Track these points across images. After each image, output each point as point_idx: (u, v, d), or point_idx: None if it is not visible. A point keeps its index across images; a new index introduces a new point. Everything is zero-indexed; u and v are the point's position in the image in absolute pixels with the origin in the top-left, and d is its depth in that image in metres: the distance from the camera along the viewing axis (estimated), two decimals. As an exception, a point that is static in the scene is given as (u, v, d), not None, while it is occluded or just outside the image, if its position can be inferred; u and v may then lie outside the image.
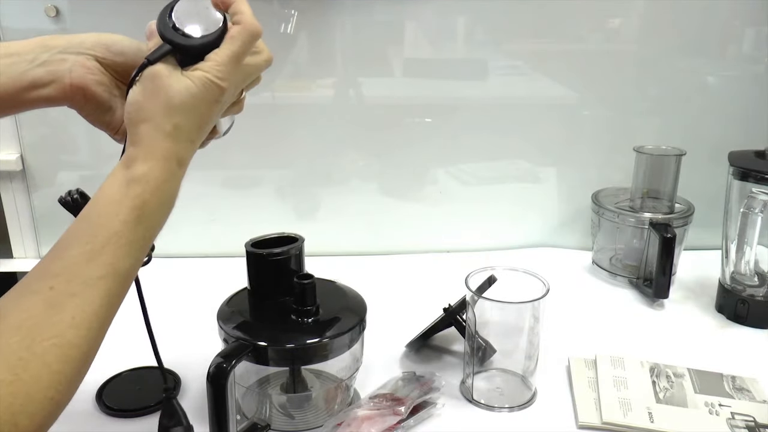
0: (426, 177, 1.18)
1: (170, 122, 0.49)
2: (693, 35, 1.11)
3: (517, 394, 0.78)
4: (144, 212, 0.47)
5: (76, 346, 0.42)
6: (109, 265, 0.45)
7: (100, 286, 0.44)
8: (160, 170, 0.49)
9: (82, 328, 0.42)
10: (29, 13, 1.02)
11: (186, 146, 0.51)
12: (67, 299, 0.42)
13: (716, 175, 1.01)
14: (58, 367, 0.41)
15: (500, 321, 0.76)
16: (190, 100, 0.50)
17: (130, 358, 0.81)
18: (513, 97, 1.15)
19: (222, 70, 0.51)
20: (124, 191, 0.47)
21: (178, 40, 0.51)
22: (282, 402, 0.75)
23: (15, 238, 1.14)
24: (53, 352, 0.41)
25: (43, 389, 0.40)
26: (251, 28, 0.52)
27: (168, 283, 1.06)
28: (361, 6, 1.05)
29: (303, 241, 0.75)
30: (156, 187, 0.48)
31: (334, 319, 0.71)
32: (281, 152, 1.14)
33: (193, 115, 0.50)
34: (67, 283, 0.43)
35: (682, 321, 0.96)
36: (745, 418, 0.73)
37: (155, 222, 0.49)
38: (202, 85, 0.50)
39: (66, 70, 0.55)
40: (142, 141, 0.49)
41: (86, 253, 0.44)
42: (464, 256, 1.16)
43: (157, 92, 0.49)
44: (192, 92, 0.50)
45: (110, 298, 0.45)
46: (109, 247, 0.45)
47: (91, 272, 0.44)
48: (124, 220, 0.46)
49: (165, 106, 0.49)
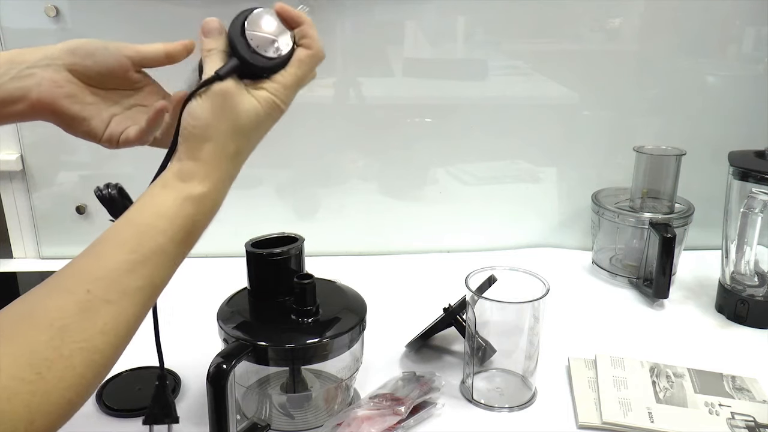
0: (426, 177, 1.18)
1: (234, 144, 0.49)
2: (693, 35, 1.11)
3: (517, 394, 0.78)
4: (192, 231, 0.48)
5: (101, 351, 0.42)
6: (148, 277, 0.45)
7: (136, 297, 0.44)
8: (216, 193, 0.49)
9: (111, 335, 0.42)
10: (29, 13, 1.01)
11: (240, 167, 0.51)
12: (102, 305, 0.42)
13: (716, 175, 1.01)
14: (81, 371, 0.40)
15: (500, 321, 0.76)
16: (255, 123, 0.50)
17: (130, 358, 0.81)
18: (513, 97, 1.15)
19: (287, 94, 0.51)
20: (177, 208, 0.47)
21: (250, 58, 0.50)
22: (282, 402, 0.75)
23: (15, 238, 1.14)
24: (80, 356, 0.40)
25: (63, 390, 0.39)
26: (319, 54, 0.53)
27: (168, 283, 1.06)
28: (361, 6, 1.05)
29: (303, 241, 0.75)
30: (210, 209, 0.49)
31: (334, 319, 0.71)
32: (281, 152, 1.13)
33: (254, 137, 0.51)
34: (105, 289, 0.43)
35: (682, 321, 0.96)
36: (745, 418, 0.73)
37: (197, 239, 0.49)
38: (268, 107, 0.50)
39: (34, 86, 0.54)
40: (205, 160, 0.49)
41: (129, 262, 0.44)
42: (464, 256, 1.16)
43: (227, 112, 0.49)
44: (258, 114, 0.50)
45: (143, 309, 0.45)
46: (153, 260, 0.45)
47: (130, 282, 0.44)
48: (172, 237, 0.46)
49: (232, 127, 0.49)
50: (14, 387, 0.37)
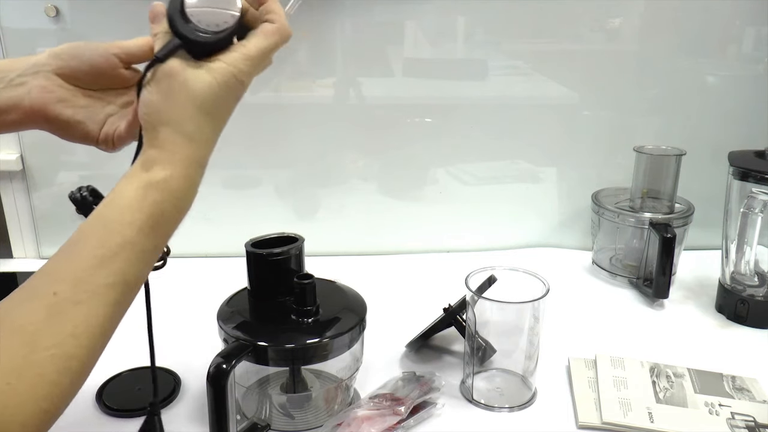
0: (426, 177, 1.18)
1: (192, 124, 0.47)
2: (693, 35, 1.11)
3: (517, 394, 0.78)
4: (160, 221, 0.45)
5: (75, 357, 0.40)
6: (118, 273, 0.42)
7: (107, 295, 0.42)
8: (180, 177, 0.46)
9: (83, 339, 0.40)
10: (29, 13, 1.01)
11: (207, 148, 0.48)
12: (70, 307, 0.40)
13: (716, 175, 1.01)
14: (54, 378, 0.38)
15: (500, 321, 0.76)
16: (211, 98, 0.47)
17: (130, 358, 0.81)
18: (513, 97, 1.15)
19: (247, 65, 0.48)
20: (141, 197, 0.45)
21: (190, 35, 0.47)
22: (282, 402, 0.75)
23: (15, 238, 1.14)
24: (51, 363, 0.38)
25: (37, 400, 0.38)
26: (285, 31, 0.50)
27: (168, 283, 1.06)
28: (361, 6, 1.05)
29: (303, 241, 0.75)
30: (175, 194, 0.46)
31: (334, 319, 0.71)
32: (281, 152, 1.14)
33: (216, 113, 0.48)
34: (72, 289, 0.41)
35: (682, 321, 0.96)
36: (745, 418, 0.73)
37: (170, 229, 0.46)
38: (224, 79, 0.47)
39: (24, 94, 0.53)
40: (163, 145, 0.46)
41: (96, 258, 0.42)
42: (464, 256, 1.16)
43: (176, 92, 0.47)
44: (212, 87, 0.47)
45: (116, 308, 0.42)
46: (121, 254, 0.43)
47: (98, 280, 0.42)
48: (140, 228, 0.44)
49: (186, 106, 0.47)
50: None
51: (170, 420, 0.73)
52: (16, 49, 1.03)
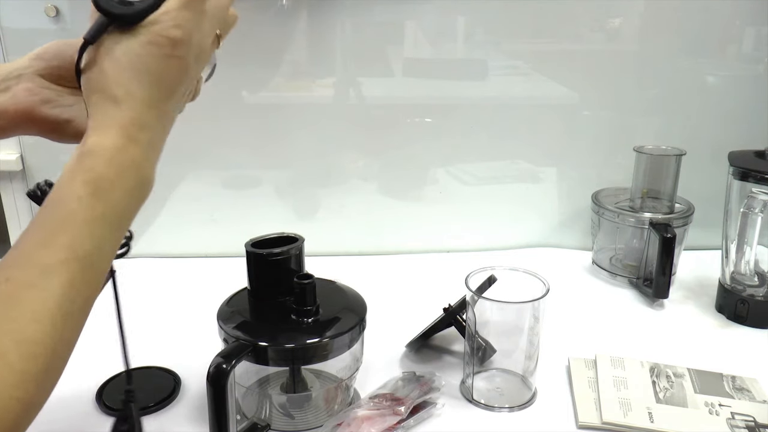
0: (426, 177, 1.18)
1: (119, 86, 0.45)
2: (693, 35, 1.11)
3: (517, 394, 0.78)
4: (100, 186, 0.42)
5: (39, 342, 0.38)
6: (67, 248, 0.40)
7: (59, 273, 0.39)
8: (112, 138, 0.44)
9: (45, 323, 0.38)
10: (29, 13, 1.01)
11: (145, 109, 0.45)
12: (23, 291, 0.39)
13: (716, 175, 1.00)
14: (21, 366, 0.37)
15: (500, 321, 0.76)
16: (137, 60, 0.45)
17: (130, 358, 0.81)
18: (513, 97, 1.15)
19: (169, 18, 0.45)
20: (75, 167, 0.43)
21: (112, 8, 0.45)
22: (282, 402, 0.75)
23: (15, 238, 1.14)
24: (14, 350, 0.37)
25: (8, 389, 0.36)
26: None
27: (168, 283, 1.06)
28: (361, 6, 1.05)
29: (303, 241, 0.75)
30: (110, 157, 0.43)
31: (334, 319, 0.71)
32: (281, 152, 1.14)
33: (146, 75, 0.45)
34: (22, 272, 0.39)
35: (682, 321, 0.96)
36: (745, 418, 0.73)
37: (117, 198, 0.43)
38: (148, 41, 0.45)
39: (9, 99, 0.53)
40: (94, 114, 0.45)
41: (40, 238, 0.40)
42: (464, 256, 1.16)
43: (103, 61, 0.45)
44: (136, 50, 0.45)
45: (74, 286, 0.40)
46: (65, 228, 0.41)
47: (46, 258, 0.39)
48: (78, 196, 0.41)
49: (111, 71, 0.45)
50: None
51: (170, 420, 0.73)
52: (16, 49, 1.03)
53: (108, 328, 0.65)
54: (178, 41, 0.45)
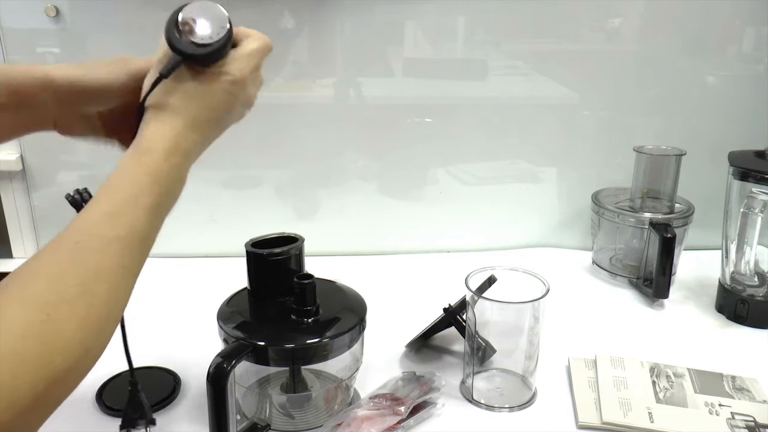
0: (426, 177, 1.18)
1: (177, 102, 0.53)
2: (693, 35, 1.11)
3: (517, 394, 0.78)
4: (157, 178, 0.50)
5: (99, 296, 0.44)
6: (128, 226, 0.47)
7: (121, 245, 0.47)
8: (168, 141, 0.51)
9: (105, 282, 0.45)
10: (29, 13, 1.01)
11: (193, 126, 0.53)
12: (90, 254, 0.45)
13: (716, 175, 1.01)
14: (84, 312, 0.43)
15: (500, 321, 0.76)
16: (198, 86, 0.53)
17: (131, 353, 0.81)
18: (513, 97, 1.15)
19: (235, 62, 0.54)
20: (137, 161, 0.51)
21: (187, 49, 0.52)
22: (282, 402, 0.75)
23: (15, 238, 1.14)
24: (80, 299, 0.43)
25: (73, 330, 0.42)
26: (264, 36, 0.57)
27: (168, 283, 1.06)
28: (361, 6, 1.05)
29: (303, 241, 0.75)
30: (165, 154, 0.51)
31: (334, 319, 0.71)
32: (281, 152, 1.14)
33: (201, 99, 0.53)
34: (90, 239, 0.46)
35: (682, 321, 0.96)
36: (745, 418, 0.73)
37: (166, 188, 0.51)
38: (213, 75, 0.54)
39: None
40: (151, 120, 0.52)
41: (106, 214, 0.47)
42: (464, 256, 1.16)
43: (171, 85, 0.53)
44: (199, 79, 0.53)
45: (131, 257, 0.47)
46: (128, 209, 0.48)
47: (112, 232, 0.47)
48: (140, 185, 0.49)
49: (176, 92, 0.53)
50: (27, 328, 0.40)
51: (170, 420, 0.73)
52: (16, 49, 1.03)
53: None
54: (237, 81, 0.55)
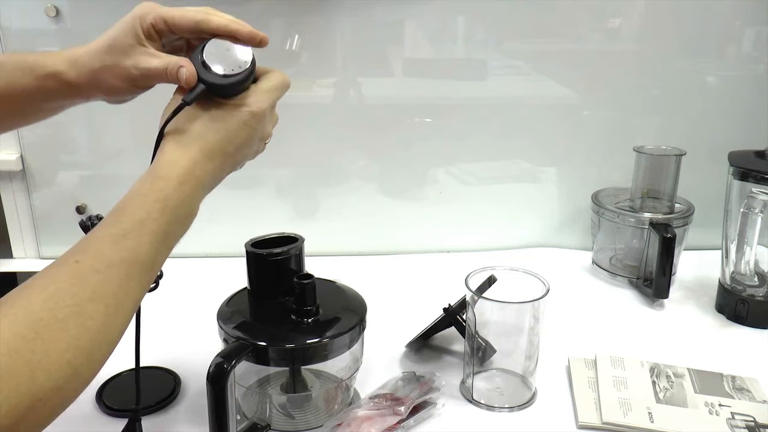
0: (426, 177, 1.18)
1: (195, 131, 0.54)
2: (693, 35, 1.11)
3: (517, 394, 0.78)
4: (167, 205, 0.50)
5: (93, 318, 0.44)
6: (131, 249, 0.47)
7: (121, 268, 0.46)
8: (182, 170, 0.52)
9: (101, 304, 0.44)
10: (29, 13, 1.01)
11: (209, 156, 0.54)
12: (90, 274, 0.45)
13: (716, 175, 1.01)
14: (75, 333, 0.42)
15: (500, 321, 0.76)
16: (218, 116, 0.54)
17: (130, 358, 0.81)
18: (513, 97, 1.15)
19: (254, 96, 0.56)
20: (149, 186, 0.51)
21: (211, 79, 0.54)
22: (282, 402, 0.75)
23: (15, 238, 1.14)
24: (73, 319, 0.42)
25: (61, 351, 0.41)
26: (283, 74, 0.59)
27: (168, 283, 1.06)
28: (361, 6, 1.05)
29: (303, 241, 0.75)
30: (178, 183, 0.51)
31: (334, 319, 0.71)
32: (281, 152, 1.13)
33: (220, 130, 0.54)
34: (91, 259, 0.46)
35: (682, 321, 0.96)
36: (745, 418, 0.73)
37: (176, 217, 0.51)
38: (234, 108, 0.55)
39: None
40: (167, 147, 0.53)
41: (111, 235, 0.47)
42: (464, 256, 1.16)
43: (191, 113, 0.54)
44: (220, 110, 0.55)
45: (130, 282, 0.47)
46: (133, 233, 0.48)
47: (114, 254, 0.47)
48: (148, 210, 0.49)
49: (194, 120, 0.54)
50: (14, 344, 0.39)
51: (170, 420, 0.73)
52: (16, 49, 1.03)
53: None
54: (256, 114, 0.56)
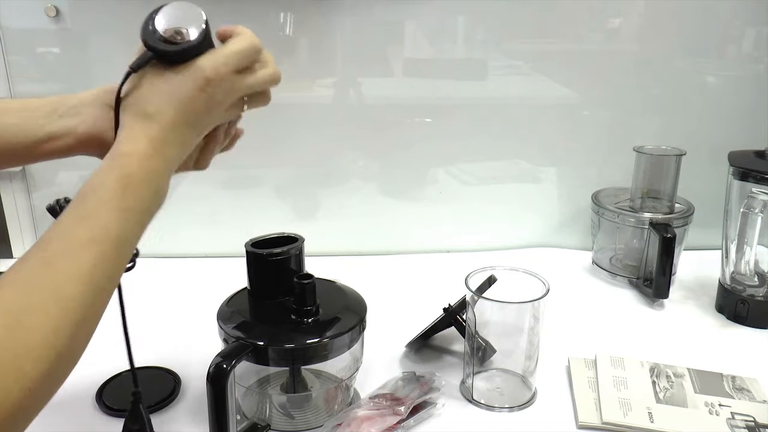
0: (426, 177, 1.18)
1: (152, 107, 0.52)
2: (693, 35, 1.11)
3: (517, 394, 0.78)
4: (130, 182, 0.49)
5: (74, 299, 0.43)
6: (100, 228, 0.46)
7: (92, 248, 0.45)
8: (143, 146, 0.51)
9: (79, 284, 0.44)
10: (29, 13, 1.02)
11: (170, 129, 0.52)
12: (60, 258, 0.44)
13: (716, 175, 1.00)
14: (57, 316, 0.42)
15: (500, 321, 0.76)
16: (172, 86, 0.52)
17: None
18: (513, 97, 1.15)
19: (210, 61, 0.53)
20: (109, 165, 0.50)
21: (159, 46, 0.52)
22: (282, 402, 0.75)
23: (15, 238, 1.14)
24: (53, 304, 0.42)
25: (44, 336, 0.41)
26: (250, 35, 0.56)
27: (168, 283, 1.06)
28: (361, 6, 1.05)
29: (303, 241, 0.75)
30: (139, 160, 0.50)
31: (334, 319, 0.71)
32: (281, 152, 1.14)
33: (177, 101, 0.52)
34: (58, 244, 0.45)
35: (682, 321, 0.96)
36: (745, 418, 0.73)
37: (141, 195, 0.50)
38: (187, 74, 0.53)
39: (80, 122, 0.58)
40: (126, 124, 0.52)
41: (76, 218, 0.46)
42: (464, 256, 1.16)
43: (143, 84, 0.53)
44: (174, 79, 0.53)
45: (105, 262, 0.46)
46: (99, 211, 0.47)
47: (81, 234, 0.46)
48: (112, 188, 0.48)
49: (148, 92, 0.53)
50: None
51: (170, 420, 0.73)
52: (16, 49, 1.03)
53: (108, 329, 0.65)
54: (211, 80, 0.53)
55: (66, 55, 1.04)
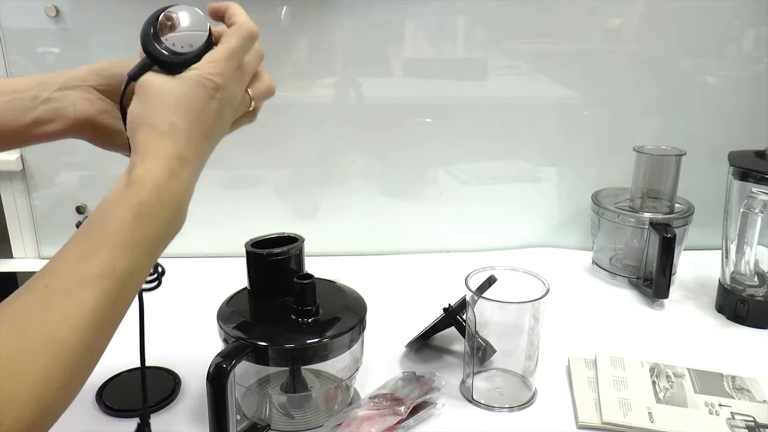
0: (426, 177, 1.18)
1: (165, 121, 0.49)
2: (693, 35, 1.11)
3: (517, 394, 0.78)
4: (142, 211, 0.46)
5: (68, 346, 0.40)
6: (105, 264, 0.43)
7: (95, 286, 0.42)
8: (158, 169, 0.47)
9: (76, 328, 0.41)
10: (29, 13, 1.01)
11: (186, 145, 0.50)
12: (59, 297, 0.41)
13: (716, 175, 1.00)
14: (46, 365, 0.39)
15: (500, 321, 0.76)
16: (183, 99, 0.50)
17: (130, 358, 0.81)
18: (513, 97, 1.15)
19: (215, 65, 0.51)
20: (121, 193, 0.46)
21: (159, 55, 0.51)
22: (282, 402, 0.75)
23: (15, 238, 1.14)
24: (43, 350, 0.39)
25: (30, 387, 0.38)
26: (247, 25, 0.53)
27: (168, 283, 1.06)
28: (361, 6, 1.05)
29: (303, 241, 0.75)
30: (154, 186, 0.47)
31: (334, 319, 0.71)
32: (281, 152, 1.14)
33: (189, 112, 0.50)
34: (61, 281, 0.42)
35: (682, 321, 0.96)
36: (745, 418, 0.73)
37: (156, 223, 0.47)
38: (195, 83, 0.50)
39: (69, 105, 0.56)
40: (139, 144, 0.48)
41: (81, 252, 0.44)
42: (464, 256, 1.16)
43: (150, 98, 0.50)
44: (183, 90, 0.50)
45: (108, 300, 0.43)
46: (105, 246, 0.44)
47: (85, 271, 0.42)
48: (121, 219, 0.45)
49: (158, 107, 0.50)
50: None
51: (170, 420, 0.73)
52: (16, 49, 1.03)
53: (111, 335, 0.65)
54: (219, 85, 0.51)
55: (66, 55, 1.04)
